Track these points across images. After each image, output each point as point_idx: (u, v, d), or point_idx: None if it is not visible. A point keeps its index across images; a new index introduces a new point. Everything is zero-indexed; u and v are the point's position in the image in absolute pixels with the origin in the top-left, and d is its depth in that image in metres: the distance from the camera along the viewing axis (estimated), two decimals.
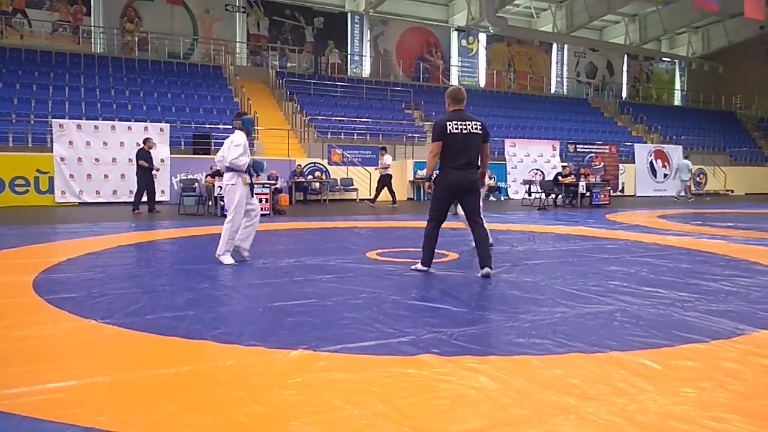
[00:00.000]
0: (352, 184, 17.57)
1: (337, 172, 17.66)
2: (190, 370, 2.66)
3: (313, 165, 17.34)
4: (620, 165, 21.29)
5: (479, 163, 5.25)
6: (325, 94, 22.28)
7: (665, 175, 22.45)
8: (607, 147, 20.72)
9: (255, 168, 6.03)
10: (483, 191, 5.58)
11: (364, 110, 21.92)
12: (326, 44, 25.42)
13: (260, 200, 11.72)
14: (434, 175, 5.30)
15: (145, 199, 12.35)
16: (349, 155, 17.92)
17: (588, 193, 15.64)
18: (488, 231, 5.37)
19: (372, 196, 15.67)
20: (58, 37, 20.73)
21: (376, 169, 16.05)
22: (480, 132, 5.10)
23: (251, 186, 6.02)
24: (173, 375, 2.59)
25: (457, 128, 5.01)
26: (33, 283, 4.58)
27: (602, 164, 19.65)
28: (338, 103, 22.04)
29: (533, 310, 3.80)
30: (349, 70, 25.86)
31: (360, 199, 17.10)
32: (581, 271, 5.39)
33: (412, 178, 18.24)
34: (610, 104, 30.24)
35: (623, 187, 21.70)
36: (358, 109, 21.94)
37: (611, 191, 17.16)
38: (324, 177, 17.21)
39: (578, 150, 19.99)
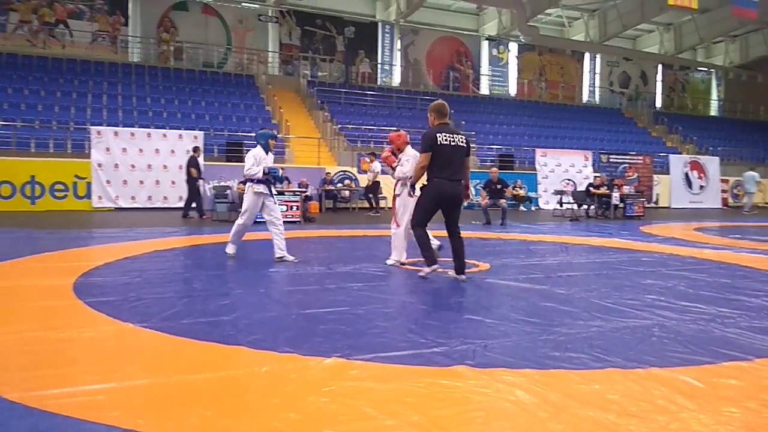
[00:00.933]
0: (381, 193, 17.57)
1: (366, 181, 17.68)
2: (226, 376, 2.69)
3: (342, 173, 17.42)
4: (654, 176, 20.85)
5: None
6: (355, 103, 22.43)
7: (701, 187, 21.91)
8: (641, 157, 20.32)
9: (271, 175, 6.38)
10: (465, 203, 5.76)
11: (393, 119, 21.95)
12: (357, 54, 25.62)
13: (291, 207, 11.85)
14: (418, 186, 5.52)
15: (193, 205, 12.81)
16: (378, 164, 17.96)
17: (621, 205, 15.36)
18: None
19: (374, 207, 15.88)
20: (97, 46, 21.35)
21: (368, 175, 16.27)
22: (465, 145, 5.26)
23: (271, 194, 6.43)
24: (209, 380, 2.62)
25: (446, 140, 5.14)
26: (73, 286, 4.69)
27: (636, 175, 19.29)
28: (368, 112, 22.14)
29: (568, 323, 3.74)
30: (379, 79, 25.99)
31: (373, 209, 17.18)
32: (616, 284, 5.29)
33: None
34: (643, 114, 29.70)
35: (658, 199, 21.22)
36: (387, 118, 21.99)
37: (645, 203, 16.80)
38: (353, 185, 17.26)
39: (611, 160, 19.65)
